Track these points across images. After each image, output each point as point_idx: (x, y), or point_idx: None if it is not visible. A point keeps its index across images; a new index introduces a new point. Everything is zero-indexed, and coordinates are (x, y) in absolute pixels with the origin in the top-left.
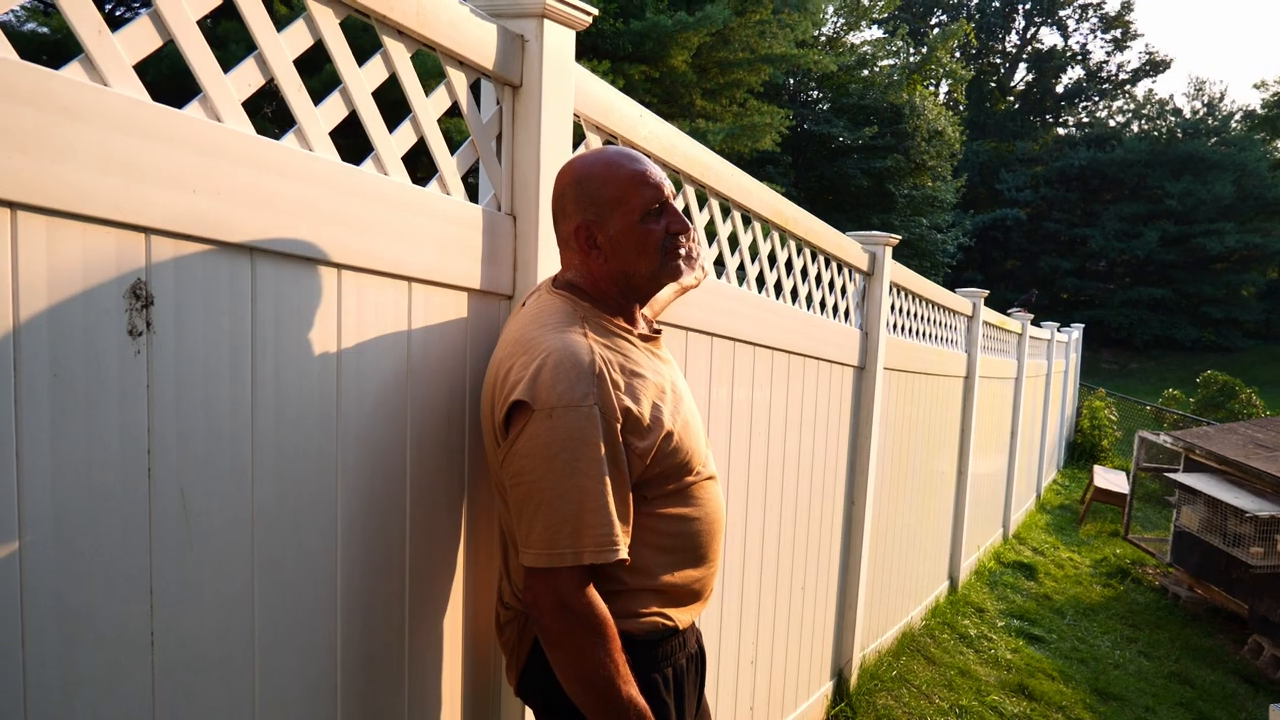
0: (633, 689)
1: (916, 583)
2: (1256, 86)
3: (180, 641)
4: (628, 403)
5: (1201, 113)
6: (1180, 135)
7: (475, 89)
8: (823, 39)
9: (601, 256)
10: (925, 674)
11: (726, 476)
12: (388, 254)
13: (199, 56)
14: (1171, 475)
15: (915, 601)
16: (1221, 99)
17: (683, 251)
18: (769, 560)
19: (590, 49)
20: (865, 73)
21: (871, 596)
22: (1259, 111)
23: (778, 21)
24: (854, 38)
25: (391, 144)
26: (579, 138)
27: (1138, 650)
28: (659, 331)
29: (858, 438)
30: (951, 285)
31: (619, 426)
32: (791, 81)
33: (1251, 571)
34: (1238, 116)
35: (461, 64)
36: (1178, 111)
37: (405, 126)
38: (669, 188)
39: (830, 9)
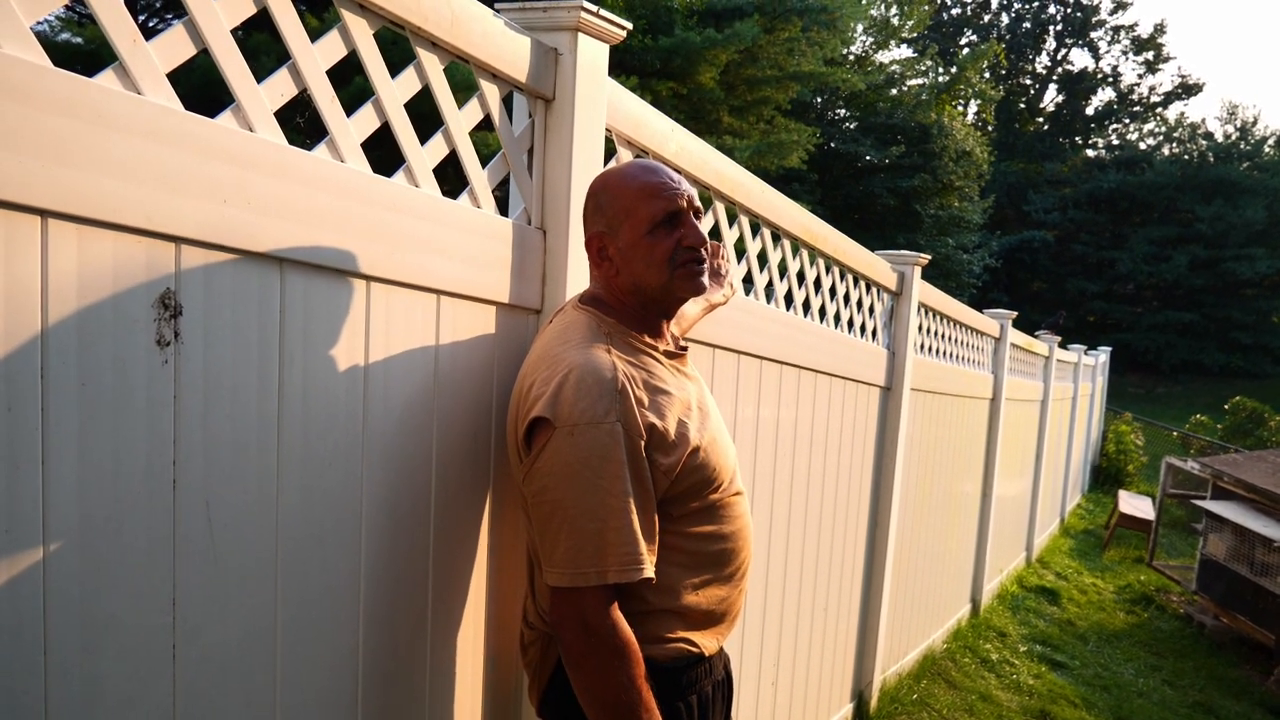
0: (654, 715)
1: (938, 605)
2: None
3: (203, 654)
4: (652, 419)
5: (1234, 137)
6: (1212, 159)
7: (508, 102)
8: (851, 57)
9: (614, 268)
10: (946, 698)
11: (751, 495)
12: (417, 266)
13: (232, 66)
14: (1199, 502)
15: (937, 624)
16: (1255, 123)
17: (698, 266)
18: (792, 581)
19: (618, 65)
20: (894, 92)
21: (893, 618)
22: None
23: (806, 39)
24: (883, 56)
25: (423, 156)
26: (610, 152)
27: (1161, 679)
28: (685, 348)
29: (883, 458)
30: (977, 306)
31: (643, 443)
32: (819, 100)
33: (1278, 601)
34: (1271, 141)
35: (494, 76)
36: (1209, 135)
37: (437, 139)
38: (684, 200)
39: (859, 28)
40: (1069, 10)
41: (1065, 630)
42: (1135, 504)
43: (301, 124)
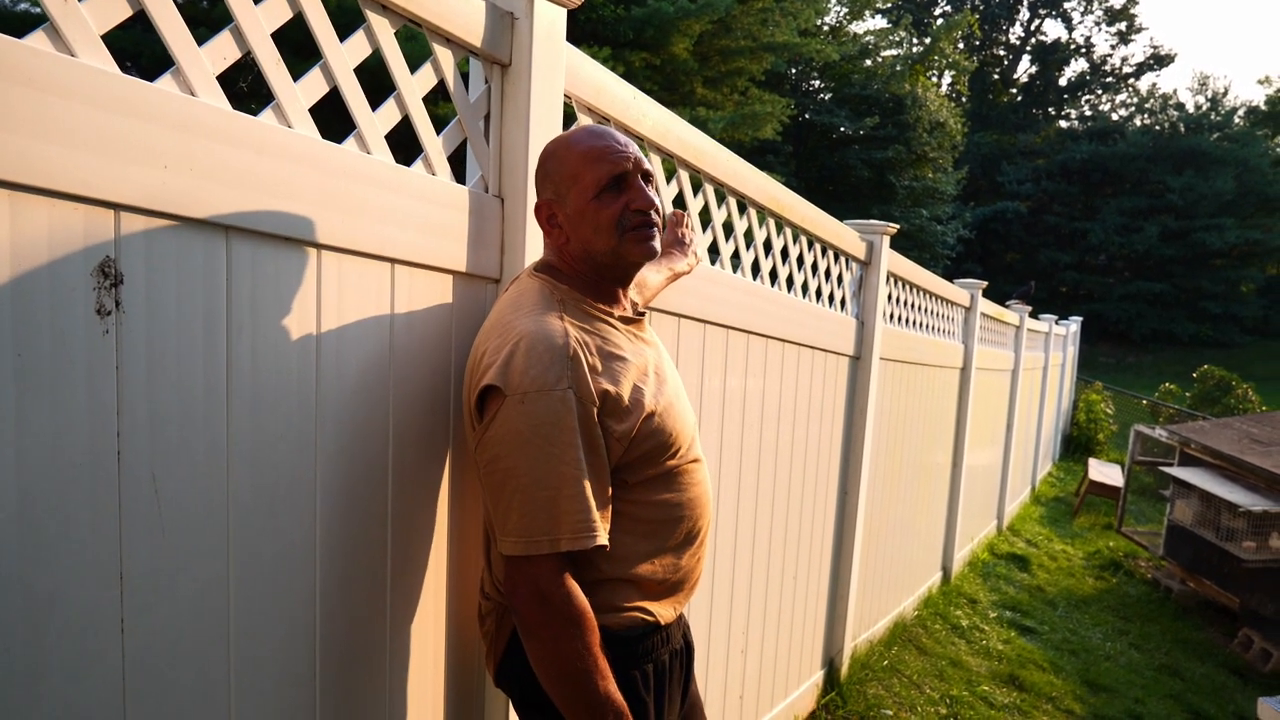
0: (609, 684)
1: (909, 573)
2: (1261, 82)
3: (152, 628)
4: (605, 385)
5: (1205, 108)
6: (1183, 130)
7: (464, 69)
8: (825, 28)
9: (563, 235)
10: (916, 664)
11: (719, 465)
12: (369, 234)
13: (171, 27)
14: (1166, 469)
15: (908, 592)
16: (1225, 94)
17: (648, 230)
18: (760, 549)
19: (591, 35)
20: (868, 63)
21: (864, 586)
22: (1262, 107)
23: (780, 9)
24: (857, 27)
25: (375, 122)
26: (570, 119)
27: (1129, 642)
28: (643, 314)
29: (852, 428)
30: (951, 277)
31: (595, 410)
32: (793, 71)
33: (1243, 566)
34: (1241, 112)
35: (448, 41)
36: (1181, 106)
37: (389, 104)
38: (630, 162)
39: None
40: None
41: (1035, 596)
42: (1105, 471)
43: (245, 88)
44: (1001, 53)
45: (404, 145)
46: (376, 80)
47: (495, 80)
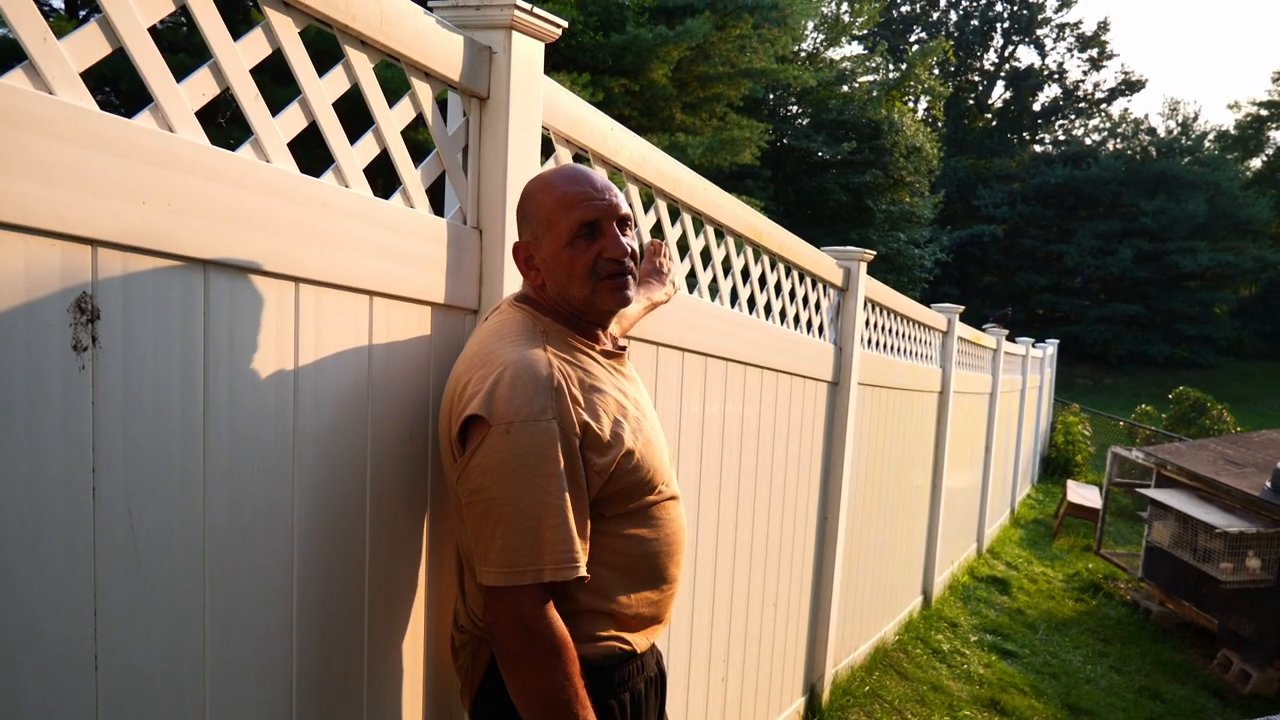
0: (589, 714)
1: (890, 597)
2: (1230, 107)
3: (127, 664)
4: (587, 418)
5: (1176, 132)
6: (1155, 154)
7: (442, 102)
8: (803, 54)
9: (539, 278)
10: (898, 689)
11: (698, 492)
12: (348, 267)
13: (150, 64)
14: (1143, 491)
15: (889, 616)
16: (1196, 119)
17: (621, 279)
18: (740, 576)
19: (570, 61)
20: (845, 88)
21: (844, 612)
22: (1232, 132)
23: (758, 36)
24: (834, 53)
25: (353, 155)
26: (549, 151)
27: (1109, 665)
28: (624, 348)
29: (831, 453)
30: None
31: (578, 442)
32: (771, 96)
33: (1221, 587)
34: (1211, 136)
35: (427, 75)
36: (1152, 131)
37: (368, 138)
38: (606, 209)
39: (810, 25)
40: (1015, 8)
41: (1015, 619)
42: (1083, 493)
43: (223, 123)
44: (976, 78)
45: (384, 174)
46: (355, 109)
47: (474, 113)
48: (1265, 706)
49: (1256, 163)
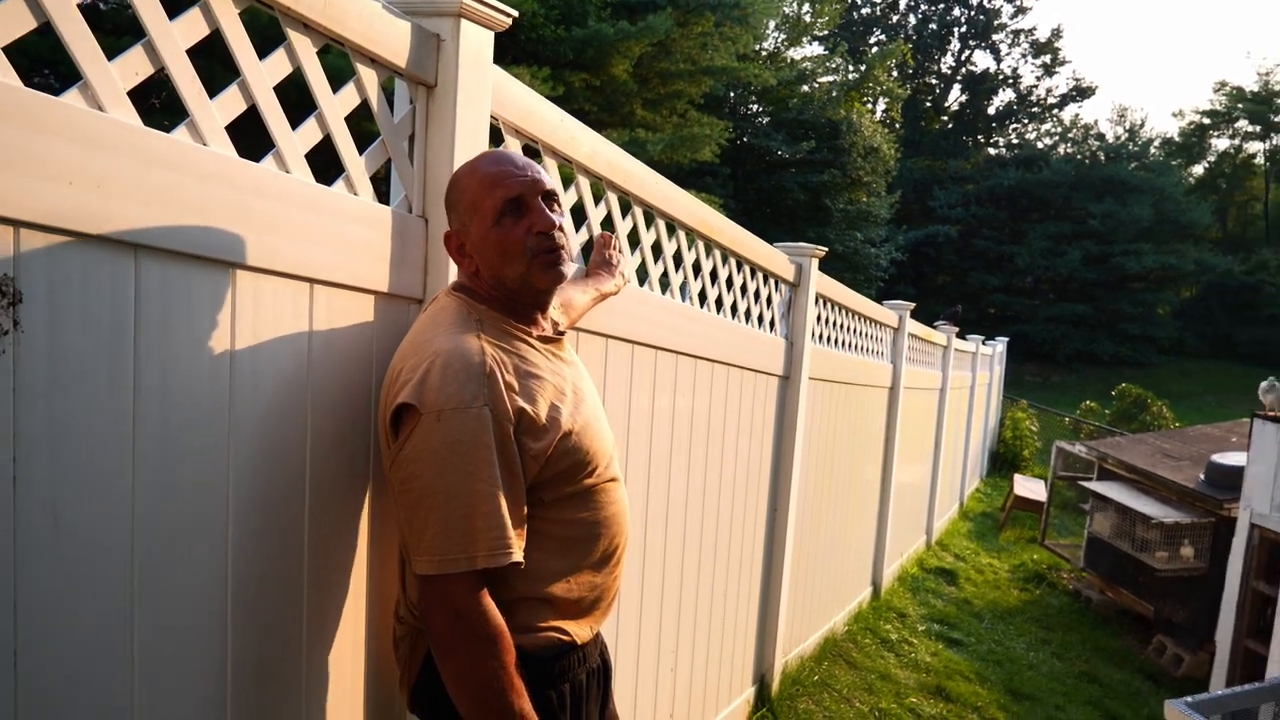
0: (524, 702)
1: (840, 589)
2: (1174, 115)
3: (50, 660)
4: (522, 403)
5: (1123, 138)
6: (1103, 159)
7: (388, 89)
8: (764, 53)
9: (473, 264)
10: (847, 678)
11: (647, 483)
12: (288, 254)
13: (78, 41)
14: (1085, 483)
15: (839, 607)
16: (1143, 125)
17: (553, 255)
18: (690, 567)
19: (531, 55)
20: (805, 88)
21: (794, 603)
22: (1176, 139)
23: (719, 34)
24: (794, 53)
25: (294, 140)
26: (499, 141)
27: (1050, 652)
28: (562, 333)
29: (781, 446)
30: (884, 298)
31: (512, 428)
32: (732, 94)
33: (1157, 575)
34: (1157, 143)
35: (373, 61)
36: (1101, 136)
37: (310, 123)
38: (532, 184)
39: (772, 24)
40: (972, 13)
41: (962, 609)
42: (1029, 486)
43: (157, 104)
44: (933, 81)
45: (331, 165)
46: (304, 98)
47: (420, 101)
48: (1196, 688)
49: (1199, 169)
